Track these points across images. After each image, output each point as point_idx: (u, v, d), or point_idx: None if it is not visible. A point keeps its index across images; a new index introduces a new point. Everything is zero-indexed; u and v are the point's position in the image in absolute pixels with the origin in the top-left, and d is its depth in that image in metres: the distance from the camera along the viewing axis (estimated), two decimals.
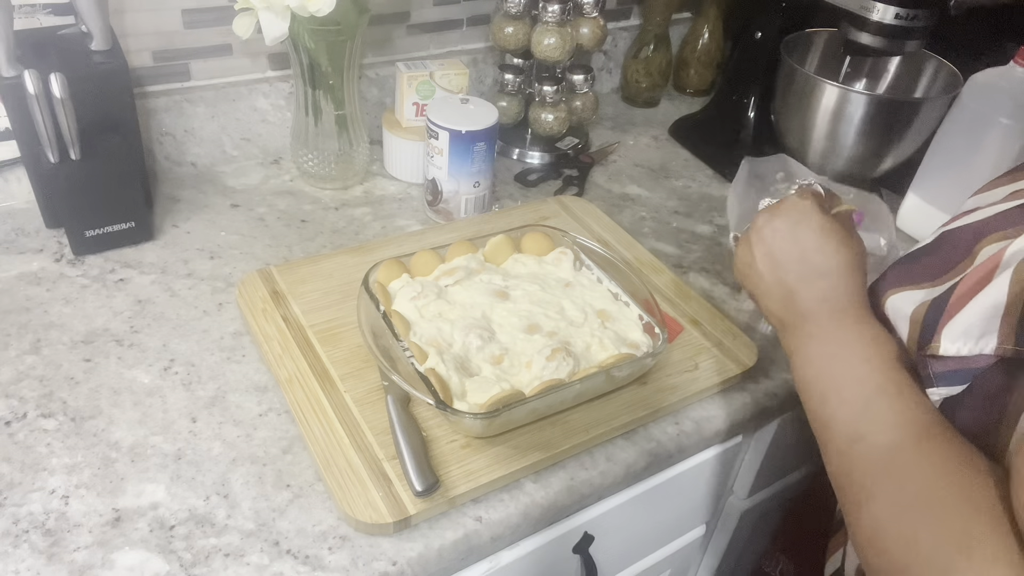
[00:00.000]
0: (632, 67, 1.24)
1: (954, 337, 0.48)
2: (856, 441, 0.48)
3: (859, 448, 0.48)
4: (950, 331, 0.49)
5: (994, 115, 0.85)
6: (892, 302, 0.56)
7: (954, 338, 0.48)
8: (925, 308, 0.52)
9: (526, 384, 0.64)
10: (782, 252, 0.57)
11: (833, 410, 0.50)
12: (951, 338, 0.48)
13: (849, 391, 0.50)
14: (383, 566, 0.56)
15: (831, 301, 0.55)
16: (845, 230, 0.60)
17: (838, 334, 0.54)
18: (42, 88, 0.69)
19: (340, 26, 0.82)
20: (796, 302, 0.55)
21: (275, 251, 0.85)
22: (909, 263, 0.59)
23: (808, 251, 0.57)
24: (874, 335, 0.54)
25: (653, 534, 0.83)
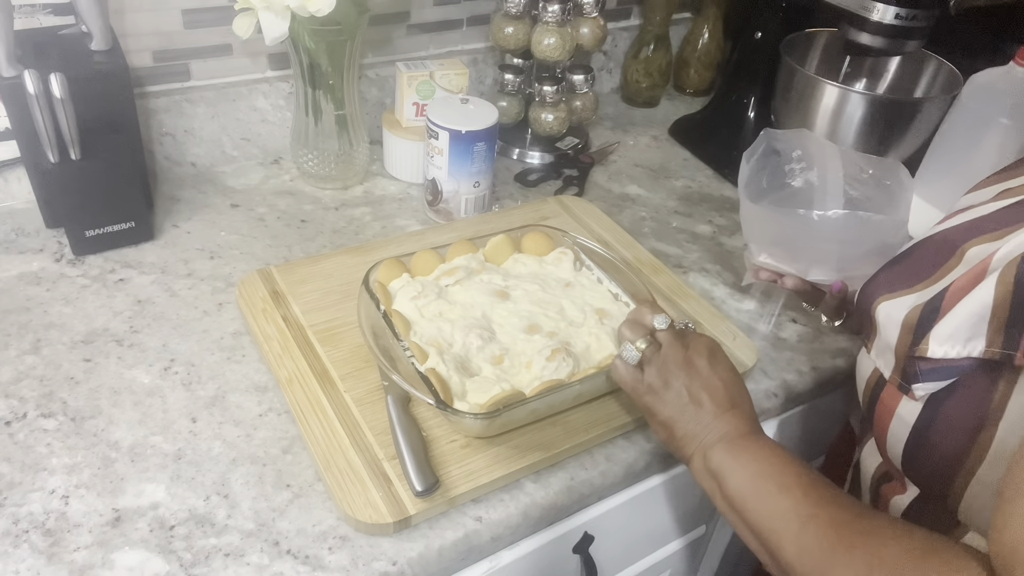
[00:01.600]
0: (632, 67, 1.24)
1: (942, 340, 0.50)
2: (807, 521, 0.50)
3: (811, 527, 0.50)
4: (938, 334, 0.50)
5: (994, 115, 0.85)
6: (883, 308, 0.57)
7: (942, 341, 0.50)
8: (918, 313, 0.52)
9: (526, 384, 0.64)
10: (704, 387, 0.59)
11: (779, 499, 0.53)
12: (939, 341, 0.50)
13: (788, 482, 0.53)
14: (383, 566, 0.56)
15: (748, 425, 0.58)
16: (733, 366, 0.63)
17: (763, 446, 0.57)
18: (42, 88, 0.69)
19: (340, 26, 0.82)
20: (719, 428, 0.58)
21: (275, 251, 0.85)
22: (896, 266, 0.60)
23: (729, 387, 0.60)
24: (783, 448, 0.57)
25: (653, 534, 0.83)
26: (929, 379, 0.51)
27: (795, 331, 0.82)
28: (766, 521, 0.53)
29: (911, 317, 0.53)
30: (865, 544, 0.47)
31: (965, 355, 0.49)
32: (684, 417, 0.59)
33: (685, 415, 0.59)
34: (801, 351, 0.80)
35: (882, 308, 0.57)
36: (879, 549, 0.47)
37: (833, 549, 0.48)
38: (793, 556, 0.51)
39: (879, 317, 0.57)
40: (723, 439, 0.57)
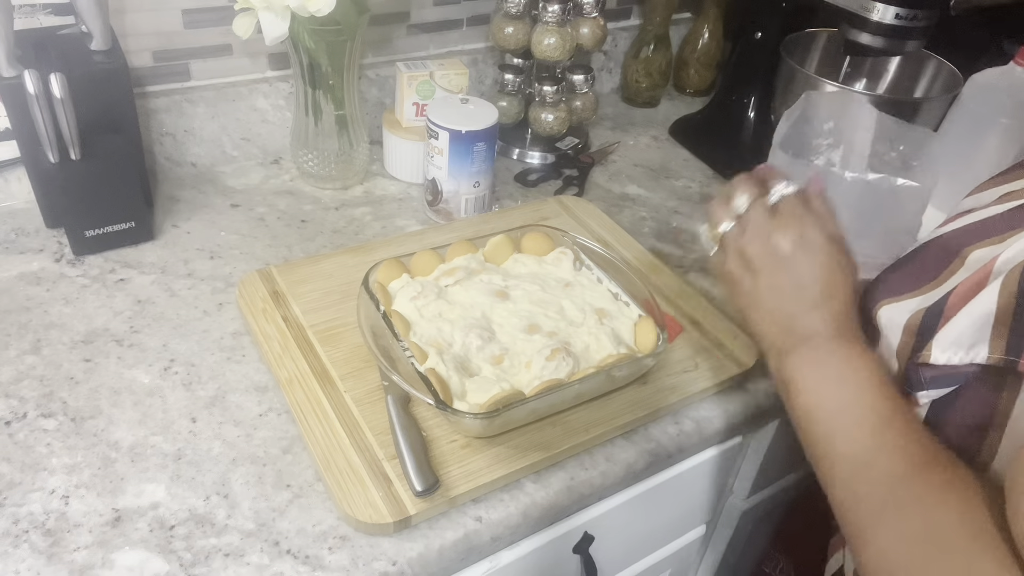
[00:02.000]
0: (632, 67, 1.24)
1: (945, 346, 0.49)
2: (864, 468, 0.47)
3: (864, 476, 0.47)
4: (941, 340, 0.49)
5: (994, 115, 0.86)
6: (884, 312, 0.56)
7: (945, 347, 0.49)
8: (920, 318, 0.52)
9: (526, 384, 0.64)
10: (790, 284, 0.54)
11: (841, 438, 0.49)
12: (942, 347, 0.49)
13: (860, 415, 0.49)
14: (383, 566, 0.56)
15: (832, 328, 0.53)
16: (843, 249, 0.57)
17: (841, 358, 0.52)
18: (42, 88, 0.69)
19: (340, 26, 0.82)
20: (795, 330, 0.53)
21: (275, 251, 0.85)
22: (898, 271, 0.59)
23: (818, 284, 0.54)
24: (876, 362, 0.52)
25: (653, 534, 0.83)
26: (933, 386, 0.51)
27: None
28: (821, 454, 0.50)
29: (913, 322, 0.52)
30: (919, 510, 0.44)
31: (968, 361, 0.48)
32: (759, 314, 0.54)
33: (760, 311, 0.54)
34: None
35: (884, 312, 0.57)
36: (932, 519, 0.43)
37: (881, 507, 0.45)
38: (840, 500, 0.48)
39: (881, 321, 0.56)
40: (801, 344, 0.52)
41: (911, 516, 0.44)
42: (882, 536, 0.45)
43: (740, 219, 0.57)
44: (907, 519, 0.44)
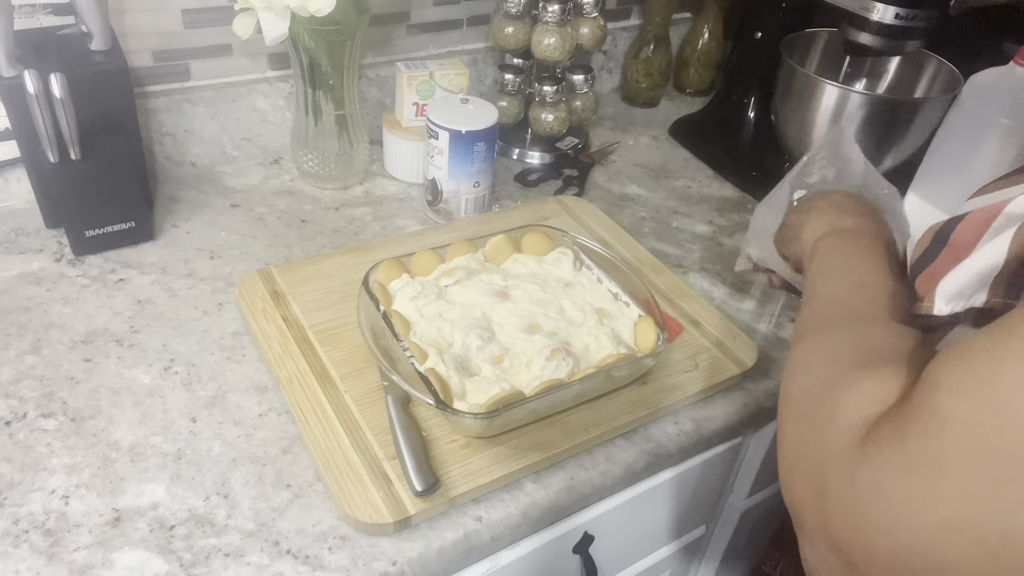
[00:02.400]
0: (632, 67, 1.24)
1: (948, 297, 0.49)
2: (833, 305, 0.52)
3: (831, 311, 0.51)
4: (944, 291, 0.49)
5: (994, 115, 0.85)
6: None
7: (948, 298, 0.49)
8: (932, 233, 0.52)
9: (526, 384, 0.64)
10: (831, 204, 0.64)
11: (827, 284, 0.55)
12: (945, 299, 0.49)
13: (849, 274, 0.54)
14: (383, 566, 0.56)
15: (864, 224, 0.60)
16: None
17: (858, 240, 0.59)
18: (42, 88, 0.69)
19: (340, 26, 0.82)
20: (836, 224, 0.61)
21: (275, 251, 0.85)
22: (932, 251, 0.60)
23: (850, 201, 0.64)
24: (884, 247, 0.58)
25: (653, 534, 0.83)
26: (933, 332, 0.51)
27: None
28: (806, 301, 0.55)
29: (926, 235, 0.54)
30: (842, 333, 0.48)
31: (968, 307, 0.48)
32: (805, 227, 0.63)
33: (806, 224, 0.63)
34: None
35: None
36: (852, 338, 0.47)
37: (811, 330, 0.49)
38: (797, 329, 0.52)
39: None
40: (833, 231, 0.60)
41: (832, 337, 0.48)
42: (798, 350, 0.49)
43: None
44: (825, 340, 0.48)
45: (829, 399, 0.41)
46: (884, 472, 0.34)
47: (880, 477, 0.34)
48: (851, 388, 0.40)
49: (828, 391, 0.42)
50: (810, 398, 0.43)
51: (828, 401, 0.41)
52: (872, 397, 0.39)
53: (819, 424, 0.40)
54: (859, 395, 0.40)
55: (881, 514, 0.34)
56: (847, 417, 0.39)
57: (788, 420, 0.45)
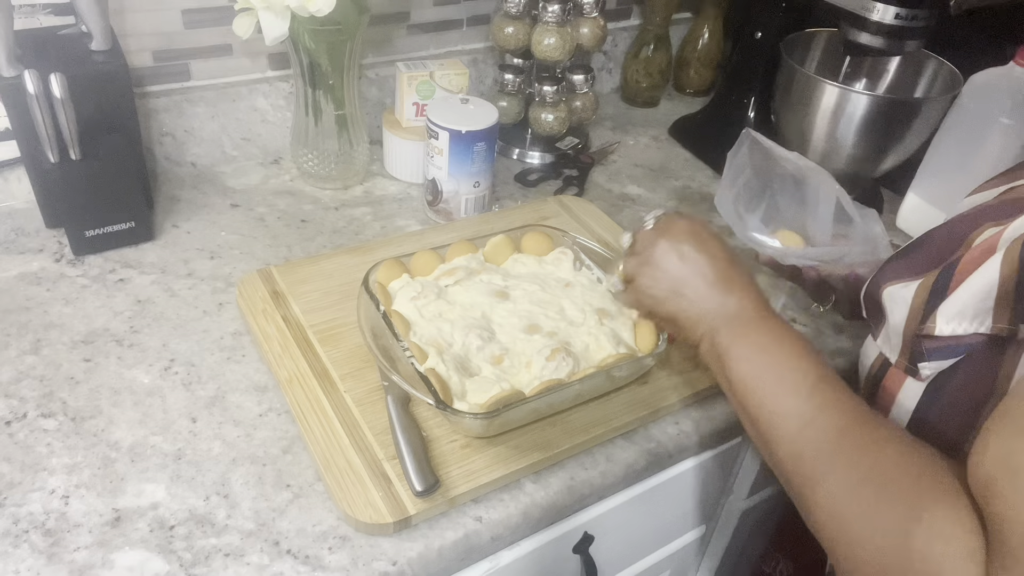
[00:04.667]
0: (632, 67, 1.24)
1: (949, 318, 0.50)
2: (807, 424, 0.50)
3: (810, 431, 0.50)
4: (945, 312, 0.50)
5: (994, 115, 0.85)
6: (890, 291, 0.57)
7: (949, 319, 0.50)
8: (926, 292, 0.52)
9: (526, 384, 0.64)
10: (698, 271, 0.59)
11: (782, 399, 0.52)
12: (946, 319, 0.50)
13: (794, 379, 0.53)
14: (383, 566, 0.56)
15: (753, 304, 0.58)
16: (726, 244, 0.63)
17: (769, 330, 0.56)
18: (42, 88, 0.69)
19: (340, 26, 0.82)
20: (721, 309, 0.57)
21: (275, 251, 0.85)
22: (903, 258, 0.60)
23: (723, 263, 0.60)
24: (797, 332, 0.56)
25: (653, 534, 0.83)
26: (935, 358, 0.51)
27: None
28: (766, 417, 0.53)
29: (919, 297, 0.53)
30: (863, 456, 0.47)
31: (972, 331, 0.49)
32: (682, 307, 0.59)
33: (683, 305, 0.59)
34: None
35: (889, 291, 0.57)
36: (876, 463, 0.46)
37: (828, 457, 0.48)
38: (786, 457, 0.51)
39: (886, 301, 0.57)
40: (729, 322, 0.57)
41: (856, 461, 0.47)
42: (831, 481, 0.47)
43: (631, 251, 0.64)
44: (853, 464, 0.47)
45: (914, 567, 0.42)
46: None
47: None
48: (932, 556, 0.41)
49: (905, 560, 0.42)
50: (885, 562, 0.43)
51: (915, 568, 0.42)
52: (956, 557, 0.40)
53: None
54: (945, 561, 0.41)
55: None
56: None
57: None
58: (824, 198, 0.72)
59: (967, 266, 0.50)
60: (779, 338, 0.55)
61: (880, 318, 0.58)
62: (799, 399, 0.51)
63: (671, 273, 0.60)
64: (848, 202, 0.71)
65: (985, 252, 0.49)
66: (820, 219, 0.73)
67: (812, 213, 0.74)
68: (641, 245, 0.64)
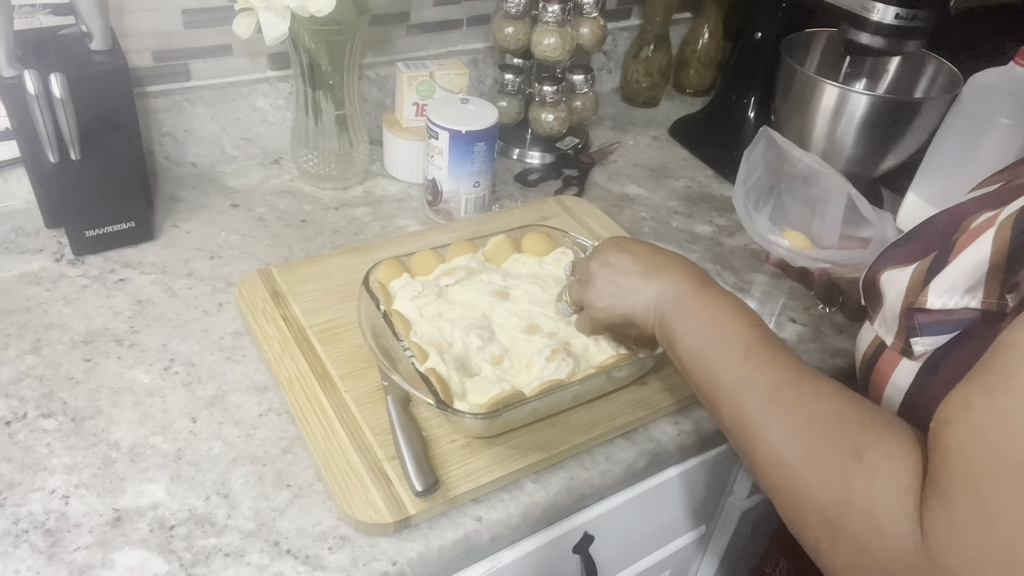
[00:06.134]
0: (632, 67, 1.24)
1: (940, 291, 0.50)
2: (744, 385, 0.52)
3: (748, 390, 0.52)
4: (937, 285, 0.50)
5: (994, 115, 0.85)
6: (888, 275, 0.57)
7: (940, 292, 0.50)
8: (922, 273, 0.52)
9: (526, 384, 0.64)
10: (630, 270, 0.62)
11: (720, 363, 0.54)
12: (938, 292, 0.51)
13: (731, 344, 0.55)
14: (383, 566, 0.56)
15: (689, 284, 0.60)
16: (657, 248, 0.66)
17: (707, 302, 0.58)
18: (42, 88, 0.69)
19: (340, 26, 0.82)
20: (660, 297, 0.60)
21: (275, 251, 0.85)
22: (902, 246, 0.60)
23: (651, 256, 0.63)
24: (733, 298, 0.59)
25: (653, 534, 0.83)
26: (928, 333, 0.52)
27: (795, 331, 0.82)
28: (708, 382, 0.55)
29: (915, 278, 0.53)
30: (801, 407, 0.49)
31: (963, 305, 0.49)
32: (628, 304, 0.62)
33: (629, 302, 0.61)
34: (801, 351, 0.80)
35: (887, 275, 0.57)
36: (815, 412, 0.48)
37: (767, 410, 0.50)
38: (728, 417, 0.53)
39: (883, 284, 0.57)
40: (670, 304, 0.59)
41: (794, 411, 0.49)
42: (772, 433, 0.49)
43: (574, 276, 0.69)
44: (791, 413, 0.49)
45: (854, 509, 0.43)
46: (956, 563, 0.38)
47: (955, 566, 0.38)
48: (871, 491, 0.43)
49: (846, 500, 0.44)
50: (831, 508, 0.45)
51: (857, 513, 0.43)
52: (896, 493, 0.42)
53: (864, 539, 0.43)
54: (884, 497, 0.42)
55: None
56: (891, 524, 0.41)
57: (819, 537, 0.46)
58: (834, 199, 0.73)
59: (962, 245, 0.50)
60: (715, 308, 0.57)
61: (877, 302, 0.59)
62: (735, 362, 0.53)
63: (607, 280, 0.63)
64: (864, 204, 0.71)
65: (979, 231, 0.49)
66: (828, 220, 0.74)
67: (820, 214, 0.75)
68: (579, 272, 0.68)
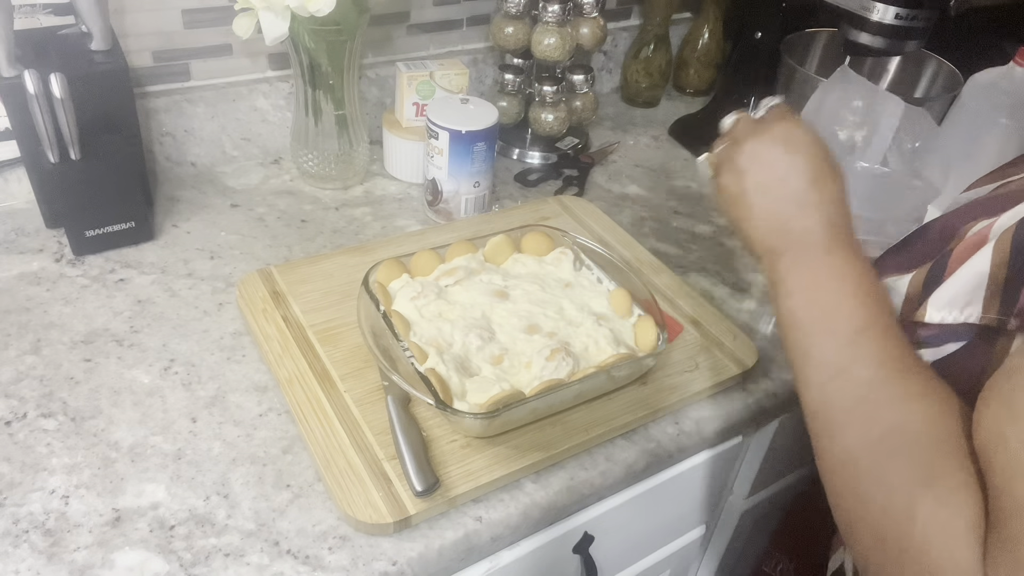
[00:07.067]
0: (632, 67, 1.24)
1: (940, 306, 0.50)
2: (838, 374, 0.48)
3: (839, 382, 0.48)
4: (936, 300, 0.50)
5: (994, 115, 0.86)
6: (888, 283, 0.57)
7: (940, 307, 0.50)
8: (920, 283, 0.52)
9: (526, 384, 0.64)
10: (778, 182, 0.55)
11: (818, 341, 0.50)
12: (937, 307, 0.50)
13: (837, 323, 0.50)
14: (383, 566, 0.56)
15: (824, 232, 0.54)
16: (831, 157, 0.58)
17: (829, 265, 0.53)
18: (42, 88, 0.69)
19: (340, 26, 0.82)
20: (789, 231, 0.54)
21: (275, 251, 0.85)
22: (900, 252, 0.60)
23: (804, 181, 0.55)
24: (864, 269, 0.53)
25: (653, 534, 0.83)
26: (929, 345, 0.51)
27: None
28: (800, 358, 0.51)
29: (914, 287, 0.53)
30: (885, 412, 0.45)
31: (962, 320, 0.48)
32: (752, 218, 0.56)
33: (753, 213, 0.55)
34: None
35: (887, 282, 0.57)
36: (900, 422, 0.44)
37: (851, 409, 0.46)
38: (811, 402, 0.49)
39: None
40: (790, 248, 0.54)
41: (879, 418, 0.45)
42: (849, 435, 0.46)
43: (729, 134, 0.59)
44: (874, 420, 0.45)
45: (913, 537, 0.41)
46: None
47: None
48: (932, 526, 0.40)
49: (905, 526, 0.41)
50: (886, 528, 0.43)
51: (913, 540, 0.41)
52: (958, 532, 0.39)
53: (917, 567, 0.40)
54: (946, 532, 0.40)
55: None
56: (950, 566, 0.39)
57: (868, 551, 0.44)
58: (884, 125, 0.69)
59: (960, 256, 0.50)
60: (837, 275, 0.51)
61: None
62: (836, 345, 0.49)
63: (749, 176, 0.56)
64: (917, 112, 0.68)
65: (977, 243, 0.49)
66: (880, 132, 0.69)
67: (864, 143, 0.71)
68: (739, 131, 0.59)
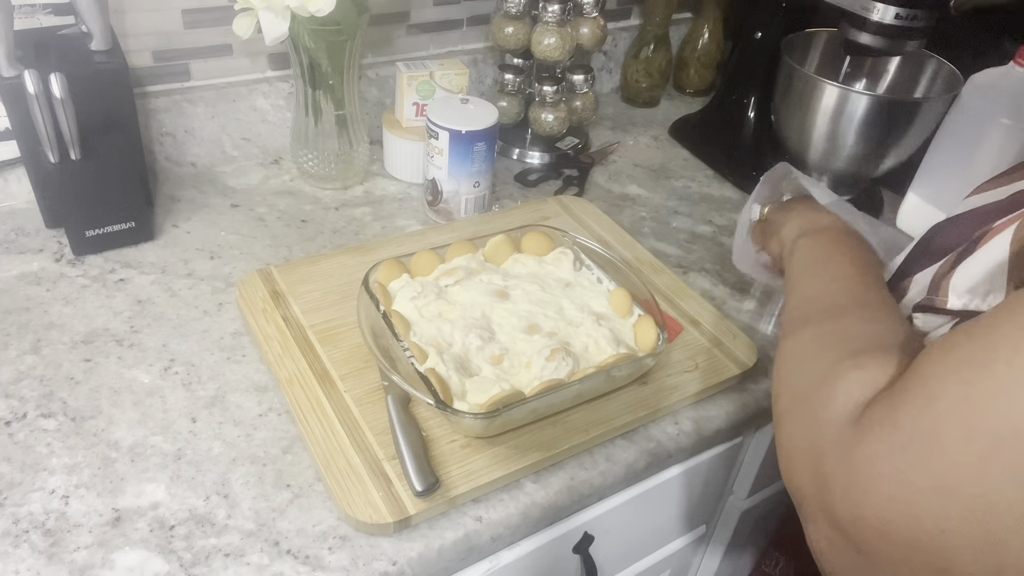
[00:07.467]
0: (632, 67, 1.24)
1: (960, 293, 0.50)
2: (812, 299, 0.54)
3: (809, 304, 0.53)
4: (957, 286, 0.50)
5: (994, 115, 0.85)
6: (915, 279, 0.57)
7: (960, 293, 0.50)
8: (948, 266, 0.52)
9: (526, 384, 0.64)
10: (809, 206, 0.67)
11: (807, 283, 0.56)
12: (957, 293, 0.50)
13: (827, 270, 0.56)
14: (383, 566, 0.56)
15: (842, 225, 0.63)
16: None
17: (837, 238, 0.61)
18: (42, 88, 0.69)
19: (340, 26, 0.82)
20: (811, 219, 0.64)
21: (275, 251, 0.85)
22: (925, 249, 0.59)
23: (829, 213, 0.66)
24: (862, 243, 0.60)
25: (653, 534, 0.83)
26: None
27: None
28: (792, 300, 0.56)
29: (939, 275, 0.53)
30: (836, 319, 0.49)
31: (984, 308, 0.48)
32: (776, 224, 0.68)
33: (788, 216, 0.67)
34: None
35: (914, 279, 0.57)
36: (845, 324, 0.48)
37: (809, 316, 0.51)
38: (783, 322, 0.54)
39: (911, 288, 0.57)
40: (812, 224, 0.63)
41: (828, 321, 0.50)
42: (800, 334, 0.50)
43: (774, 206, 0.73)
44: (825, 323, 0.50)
45: (821, 390, 0.43)
46: (879, 449, 0.36)
47: (876, 453, 0.36)
48: (843, 377, 0.42)
49: (820, 383, 0.44)
50: (803, 390, 0.45)
51: (821, 392, 0.43)
52: (862, 384, 0.41)
53: (814, 413, 0.42)
54: (850, 383, 0.41)
55: (878, 488, 0.36)
56: (841, 403, 0.41)
57: (782, 413, 0.47)
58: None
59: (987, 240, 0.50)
60: (842, 242, 0.58)
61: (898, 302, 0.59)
62: (819, 283, 0.54)
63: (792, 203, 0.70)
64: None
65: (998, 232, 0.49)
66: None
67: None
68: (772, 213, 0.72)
